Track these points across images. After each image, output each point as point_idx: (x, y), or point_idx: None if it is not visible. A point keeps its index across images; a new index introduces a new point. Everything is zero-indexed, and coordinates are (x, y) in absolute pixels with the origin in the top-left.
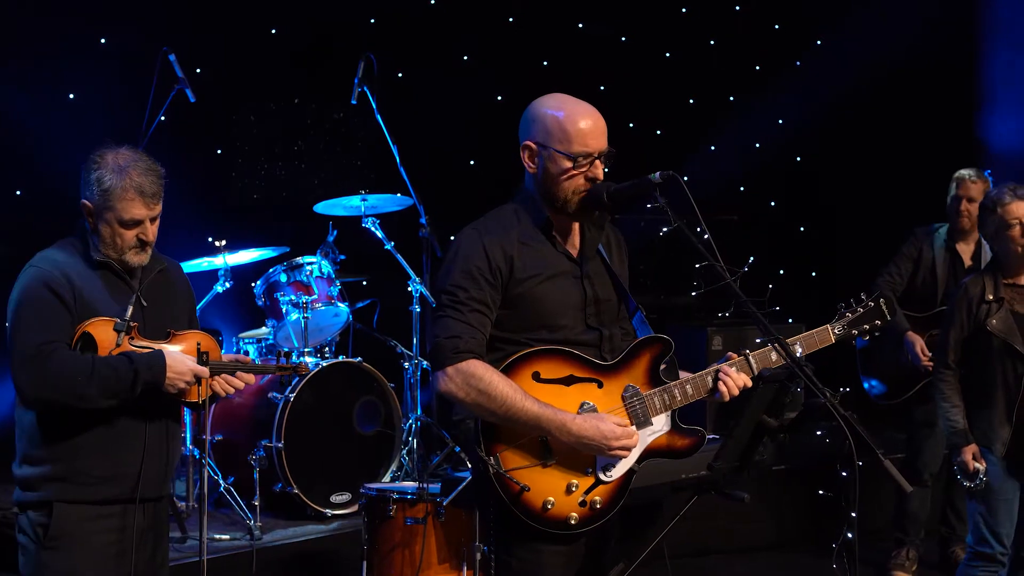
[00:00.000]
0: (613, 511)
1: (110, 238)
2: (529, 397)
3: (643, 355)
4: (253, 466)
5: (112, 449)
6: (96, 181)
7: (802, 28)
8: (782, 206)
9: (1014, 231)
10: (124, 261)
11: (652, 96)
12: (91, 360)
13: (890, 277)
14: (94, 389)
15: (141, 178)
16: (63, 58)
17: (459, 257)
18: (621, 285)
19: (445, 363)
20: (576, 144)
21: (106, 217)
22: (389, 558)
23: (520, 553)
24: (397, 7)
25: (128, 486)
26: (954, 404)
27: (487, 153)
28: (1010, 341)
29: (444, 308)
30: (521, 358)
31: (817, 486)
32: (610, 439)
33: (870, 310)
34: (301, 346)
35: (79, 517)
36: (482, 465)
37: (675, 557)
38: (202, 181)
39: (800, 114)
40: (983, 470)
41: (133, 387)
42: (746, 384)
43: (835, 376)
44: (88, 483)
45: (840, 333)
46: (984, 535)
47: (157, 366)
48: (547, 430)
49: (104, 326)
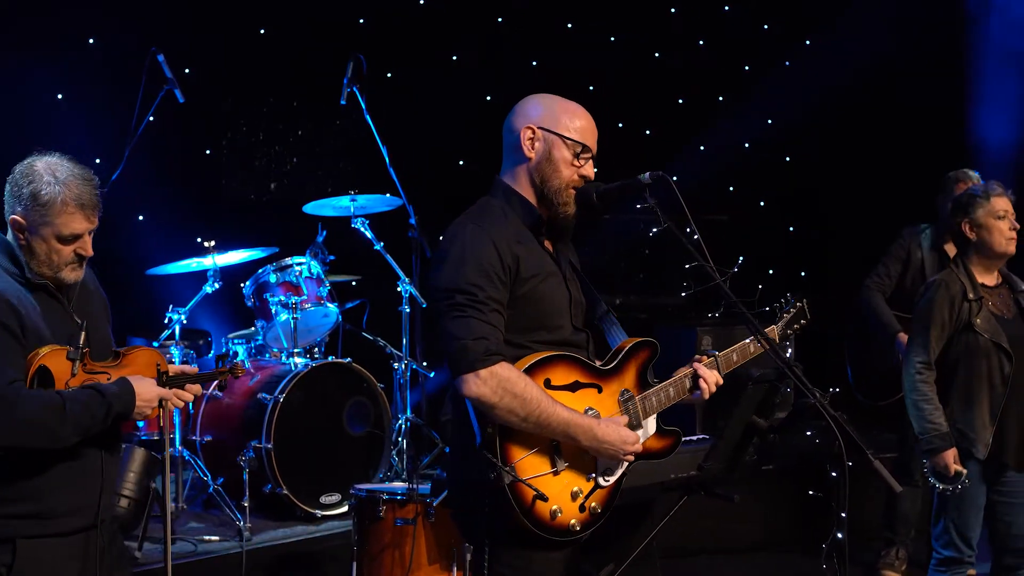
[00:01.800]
0: (607, 514)
1: (45, 255)
2: (557, 403)
3: (635, 359)
4: (243, 467)
5: (77, 482)
6: (31, 195)
7: (791, 28)
8: (772, 206)
9: (1004, 223)
10: (59, 279)
11: (641, 96)
12: (60, 399)
13: (879, 278)
14: (68, 429)
15: (80, 189)
16: (51, 58)
17: (469, 253)
18: (590, 286)
19: (476, 366)
20: (579, 135)
21: (42, 233)
22: (379, 559)
23: (511, 561)
24: (386, 7)
25: (90, 514)
26: (936, 406)
27: (477, 153)
28: (997, 340)
29: (463, 307)
30: (535, 364)
31: (807, 486)
32: (628, 444)
33: (798, 311)
34: (290, 347)
35: (44, 552)
36: (496, 474)
37: (665, 557)
38: (191, 182)
39: (789, 114)
40: (965, 474)
41: (105, 422)
42: (718, 382)
43: (824, 376)
44: (54, 517)
45: (780, 333)
46: (953, 540)
47: (127, 396)
48: (575, 436)
49: (57, 356)
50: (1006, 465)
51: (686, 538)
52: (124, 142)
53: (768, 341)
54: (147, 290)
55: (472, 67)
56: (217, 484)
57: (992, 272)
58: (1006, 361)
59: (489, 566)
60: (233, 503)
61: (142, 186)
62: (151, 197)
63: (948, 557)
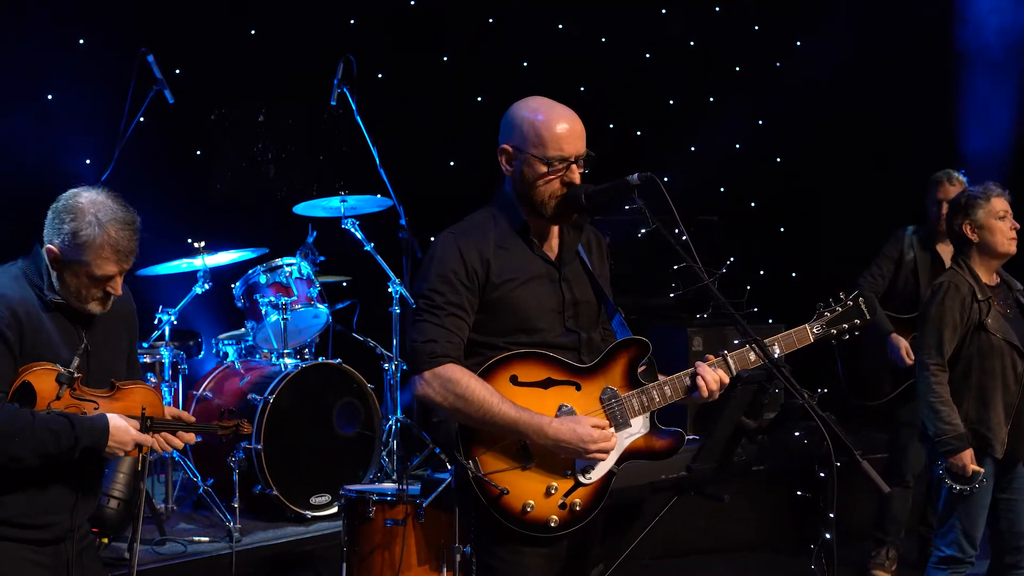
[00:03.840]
0: (594, 513)
1: (75, 288)
2: (506, 401)
3: (620, 357)
4: (232, 468)
5: (42, 500)
6: (72, 233)
7: (782, 29)
8: (762, 207)
9: (1004, 223)
10: (85, 310)
11: (632, 97)
12: (30, 420)
13: (872, 278)
14: (28, 452)
15: (119, 234)
16: (41, 58)
17: (435, 261)
18: (600, 287)
19: (422, 367)
20: (551, 149)
21: (75, 270)
22: (369, 560)
23: (501, 555)
24: (377, 8)
25: (62, 527)
26: (951, 407)
27: (467, 154)
28: (1009, 339)
29: (421, 312)
30: (498, 362)
31: (796, 487)
32: (587, 442)
33: (849, 309)
34: (280, 347)
35: (11, 554)
36: (461, 469)
37: (655, 557)
38: (181, 182)
39: (780, 115)
40: (983, 473)
41: (71, 452)
42: (723, 380)
43: (814, 377)
44: (19, 527)
45: (819, 333)
46: (958, 539)
47: (99, 432)
48: (524, 434)
49: (47, 376)
50: (1017, 462)
51: (676, 538)
52: (114, 142)
53: (757, 342)
54: (137, 291)
55: (463, 68)
56: (207, 485)
57: (992, 273)
58: (1019, 360)
59: (479, 558)
60: (223, 504)
61: (132, 187)
62: (141, 198)
63: (950, 556)
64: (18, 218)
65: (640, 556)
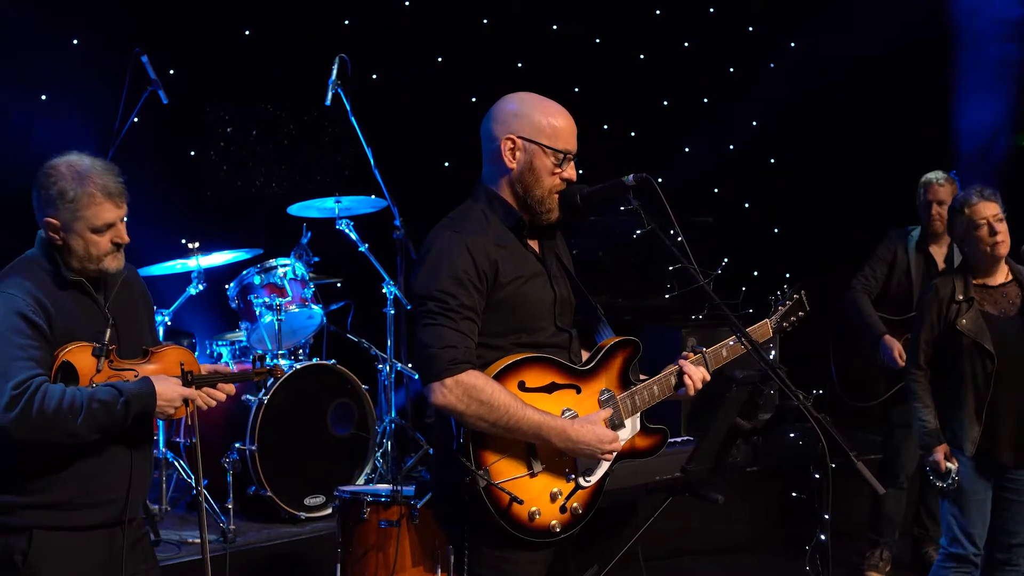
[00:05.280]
0: (590, 515)
1: (84, 250)
2: (528, 406)
3: (616, 358)
4: (226, 469)
5: (101, 478)
6: (59, 195)
7: (776, 30)
8: (756, 208)
9: (982, 231)
10: (101, 270)
11: (626, 98)
12: (79, 395)
13: (865, 279)
14: (84, 427)
15: (103, 179)
16: (35, 58)
17: (444, 261)
18: (578, 284)
19: (442, 375)
20: (561, 141)
21: (76, 228)
22: (363, 561)
23: (493, 563)
24: (372, 8)
25: (115, 511)
26: (925, 404)
27: (462, 155)
28: (980, 340)
29: (434, 315)
30: (508, 368)
31: (790, 488)
32: (604, 443)
33: (795, 303)
34: (275, 348)
35: (60, 544)
36: (471, 478)
37: (649, 559)
38: (175, 183)
39: (774, 116)
40: (955, 470)
41: (124, 420)
42: (705, 378)
43: (808, 378)
44: (73, 510)
45: (775, 326)
46: (957, 536)
47: (147, 396)
48: (547, 438)
49: (82, 352)
50: (1002, 461)
51: (670, 539)
52: (108, 143)
53: (752, 343)
54: None
55: (456, 68)
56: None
57: (994, 272)
58: (988, 361)
59: (470, 566)
60: (217, 505)
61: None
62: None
63: (953, 553)
64: (12, 219)
65: (634, 557)
